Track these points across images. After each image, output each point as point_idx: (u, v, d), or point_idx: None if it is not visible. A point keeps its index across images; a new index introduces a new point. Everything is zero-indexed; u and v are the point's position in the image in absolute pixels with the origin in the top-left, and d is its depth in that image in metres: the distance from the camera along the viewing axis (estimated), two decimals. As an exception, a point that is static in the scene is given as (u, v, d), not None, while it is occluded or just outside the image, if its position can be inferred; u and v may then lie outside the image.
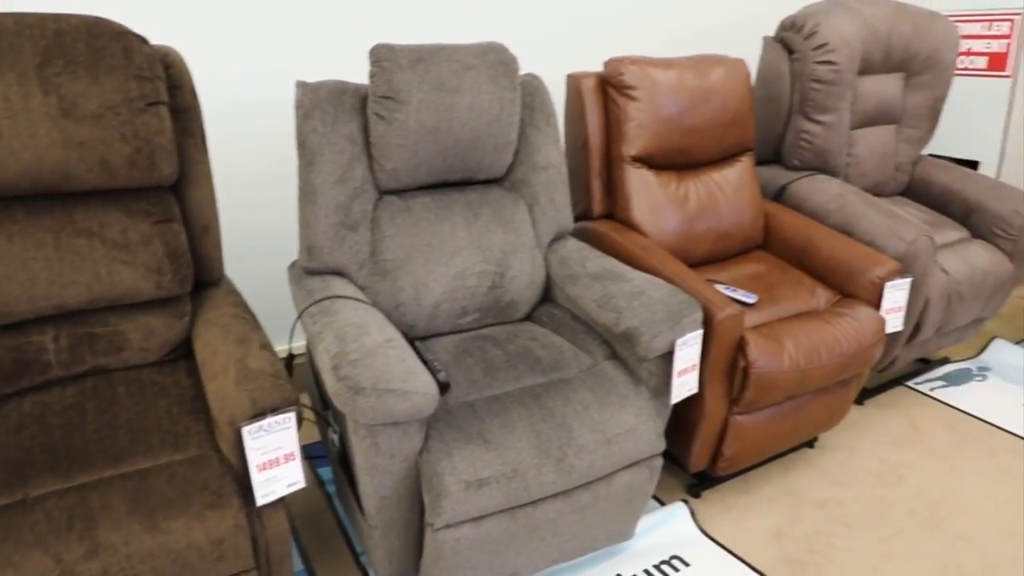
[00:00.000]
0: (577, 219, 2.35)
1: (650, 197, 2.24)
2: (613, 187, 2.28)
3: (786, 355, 1.92)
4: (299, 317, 1.70)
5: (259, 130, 2.36)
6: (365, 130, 1.83)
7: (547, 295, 2.08)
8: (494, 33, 2.68)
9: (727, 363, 1.90)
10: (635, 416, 1.70)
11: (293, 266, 1.92)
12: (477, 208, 1.97)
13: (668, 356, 1.75)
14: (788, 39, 2.63)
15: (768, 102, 2.67)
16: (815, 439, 2.41)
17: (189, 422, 1.49)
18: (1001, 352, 3.02)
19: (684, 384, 1.79)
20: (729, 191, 2.38)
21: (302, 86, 1.78)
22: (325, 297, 1.70)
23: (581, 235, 2.27)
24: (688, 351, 1.76)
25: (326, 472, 2.23)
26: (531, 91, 2.04)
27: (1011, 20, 3.23)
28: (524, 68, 2.22)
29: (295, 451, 1.41)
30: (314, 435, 2.40)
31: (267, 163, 2.40)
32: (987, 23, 3.32)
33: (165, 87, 1.63)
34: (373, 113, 1.79)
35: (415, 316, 1.87)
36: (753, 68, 2.79)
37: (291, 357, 1.79)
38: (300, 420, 1.41)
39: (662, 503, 2.12)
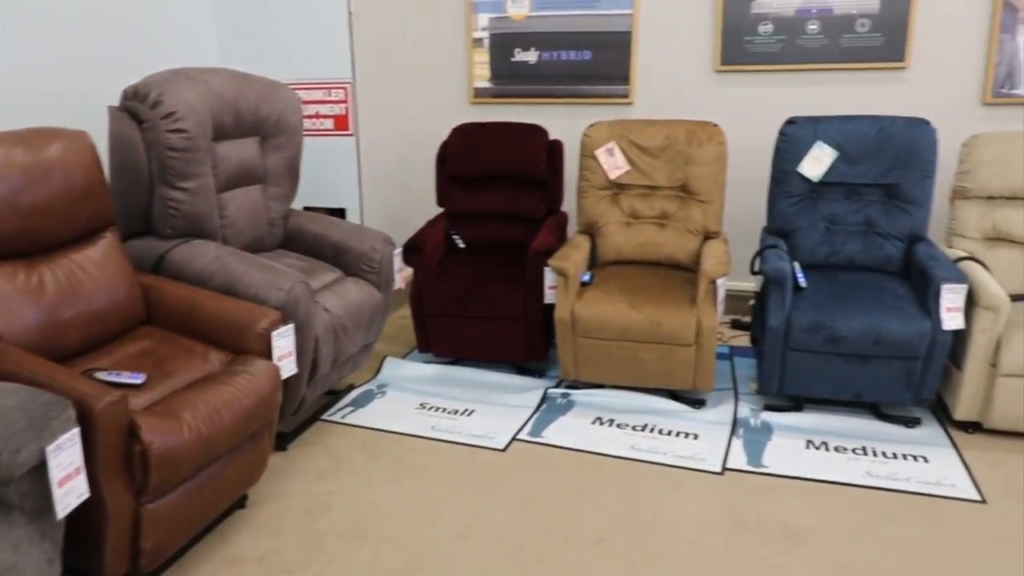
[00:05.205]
0: None
1: (-8, 292, 1.95)
2: (-60, 288, 1.91)
3: (185, 427, 1.87)
4: None
5: None
6: None
7: None
8: None
9: (121, 453, 1.76)
10: (12, 551, 1.46)
11: None
12: None
13: (42, 467, 1.53)
14: (134, 108, 2.58)
15: (125, 173, 2.58)
16: (245, 497, 2.42)
17: None
18: (393, 368, 3.49)
19: (71, 492, 1.60)
20: (94, 271, 2.21)
21: None
22: None
23: (-97, 353, 1.84)
24: (66, 455, 1.58)
25: None
26: None
27: (344, 88, 3.77)
28: None
29: None
30: None
31: None
32: (327, 90, 3.81)
33: None
34: None
35: None
36: (102, 139, 2.65)
37: None
38: None
39: (84, 631, 1.86)
